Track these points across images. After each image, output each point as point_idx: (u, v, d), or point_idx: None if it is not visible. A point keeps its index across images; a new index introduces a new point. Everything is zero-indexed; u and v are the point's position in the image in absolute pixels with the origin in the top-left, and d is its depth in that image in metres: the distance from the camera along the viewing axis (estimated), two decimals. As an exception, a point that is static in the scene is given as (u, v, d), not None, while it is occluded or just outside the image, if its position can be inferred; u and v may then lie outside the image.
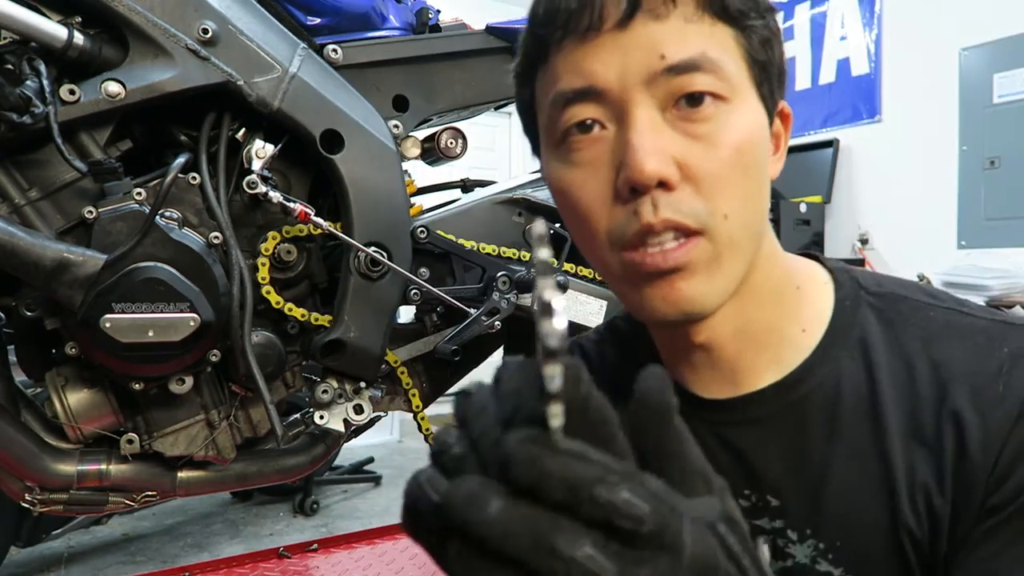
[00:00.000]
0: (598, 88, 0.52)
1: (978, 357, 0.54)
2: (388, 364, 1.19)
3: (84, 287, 0.94)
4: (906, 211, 4.26)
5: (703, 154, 0.52)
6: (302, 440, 1.22)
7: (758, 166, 0.55)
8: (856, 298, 0.61)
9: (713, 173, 0.52)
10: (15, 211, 0.96)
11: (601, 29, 0.52)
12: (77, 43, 0.95)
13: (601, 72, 0.52)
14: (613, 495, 0.29)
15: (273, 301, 1.08)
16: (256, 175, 1.04)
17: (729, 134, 0.52)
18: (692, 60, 0.51)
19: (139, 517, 2.69)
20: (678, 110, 0.52)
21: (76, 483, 1.06)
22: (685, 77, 0.51)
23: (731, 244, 0.52)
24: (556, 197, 0.59)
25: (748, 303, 0.58)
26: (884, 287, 0.61)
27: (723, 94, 0.52)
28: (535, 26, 0.56)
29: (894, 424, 0.55)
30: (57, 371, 1.05)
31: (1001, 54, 3.83)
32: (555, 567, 0.28)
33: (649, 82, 0.51)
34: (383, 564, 1.97)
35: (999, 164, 3.87)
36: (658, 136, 0.51)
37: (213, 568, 1.94)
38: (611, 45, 0.52)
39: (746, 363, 0.60)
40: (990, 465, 0.51)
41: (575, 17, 0.52)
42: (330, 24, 1.19)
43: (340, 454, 2.71)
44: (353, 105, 1.12)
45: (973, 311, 0.58)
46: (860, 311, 0.60)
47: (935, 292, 0.61)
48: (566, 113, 0.54)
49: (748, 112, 0.54)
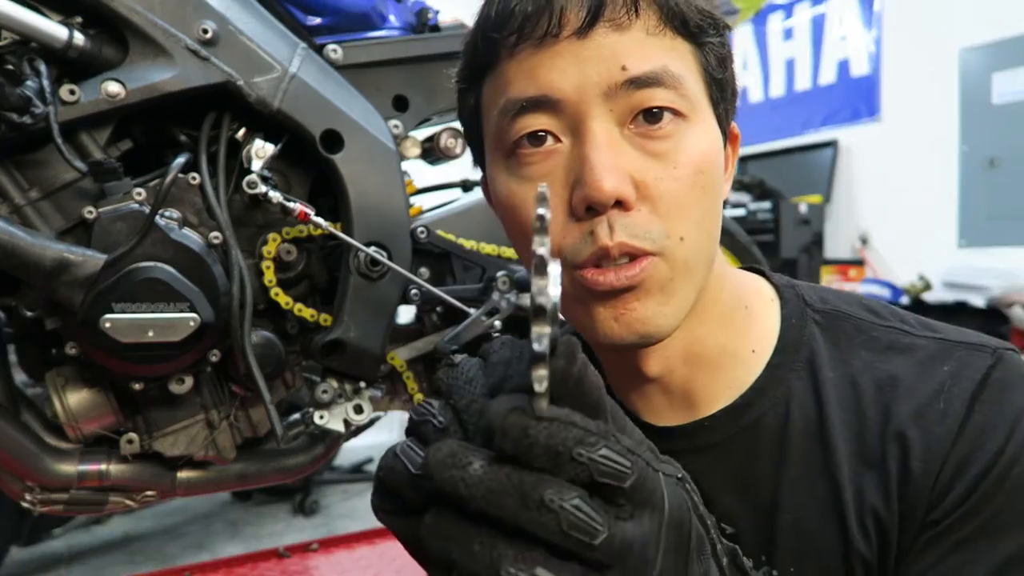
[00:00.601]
0: (553, 98, 0.50)
1: (920, 376, 0.54)
2: (388, 364, 1.19)
3: (84, 287, 0.94)
4: (906, 211, 4.26)
5: (661, 173, 0.50)
6: (302, 440, 1.22)
7: (714, 187, 0.53)
8: (802, 315, 0.60)
9: (671, 193, 0.50)
10: (15, 211, 0.97)
11: (559, 36, 0.49)
12: (77, 43, 0.95)
13: (557, 81, 0.50)
14: (594, 453, 0.29)
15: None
16: (256, 175, 1.04)
17: (687, 153, 0.51)
18: (654, 73, 0.49)
19: (139, 517, 2.69)
20: (636, 126, 0.50)
21: (76, 483, 1.06)
22: (646, 91, 0.49)
23: (685, 268, 0.51)
24: (502, 212, 0.56)
25: (698, 326, 0.56)
26: (828, 303, 0.61)
27: (683, 111, 0.51)
28: (486, 28, 0.53)
29: (842, 446, 0.54)
30: (57, 371, 1.05)
31: (1001, 54, 3.83)
32: (544, 520, 0.28)
33: (608, 95, 0.49)
34: (383, 564, 1.97)
35: (999, 164, 3.87)
36: (616, 153, 0.49)
37: (213, 568, 1.94)
38: (569, 54, 0.49)
39: (698, 387, 0.58)
40: (931, 481, 0.50)
41: (531, 21, 0.50)
42: (330, 24, 1.19)
43: (340, 454, 2.71)
44: (353, 105, 1.12)
45: (914, 330, 0.57)
46: (807, 328, 0.59)
47: (877, 309, 0.60)
48: (517, 123, 0.51)
49: (706, 131, 0.53)
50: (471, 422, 0.33)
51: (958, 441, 0.51)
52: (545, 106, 0.50)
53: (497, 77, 0.54)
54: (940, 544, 0.50)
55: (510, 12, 0.51)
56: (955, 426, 0.51)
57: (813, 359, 0.57)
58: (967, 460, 0.50)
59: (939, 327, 0.58)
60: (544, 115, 0.51)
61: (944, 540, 0.50)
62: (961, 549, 0.49)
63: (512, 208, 0.54)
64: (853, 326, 0.59)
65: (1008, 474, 0.49)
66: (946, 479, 0.50)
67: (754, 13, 4.53)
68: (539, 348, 0.29)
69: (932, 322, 0.59)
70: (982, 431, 0.51)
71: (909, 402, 0.53)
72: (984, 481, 0.49)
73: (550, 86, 0.50)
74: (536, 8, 0.50)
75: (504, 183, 0.54)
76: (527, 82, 0.51)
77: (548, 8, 0.49)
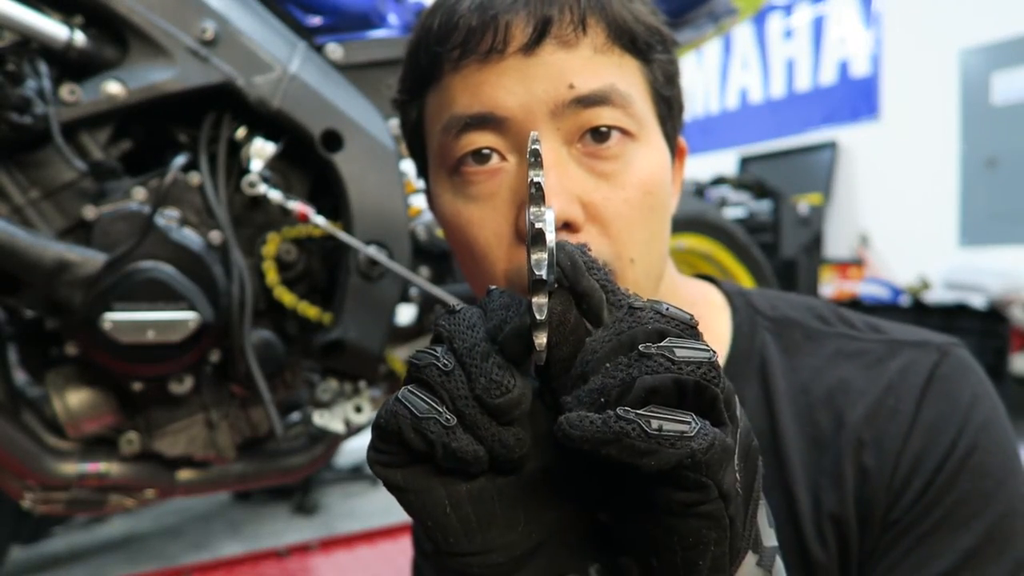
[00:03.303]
0: (499, 116, 0.49)
1: (869, 379, 0.54)
2: (388, 364, 1.19)
3: (84, 287, 0.94)
4: (906, 211, 4.26)
5: (609, 194, 0.49)
6: (302, 440, 1.22)
7: (663, 207, 0.53)
8: (752, 322, 0.60)
9: (619, 214, 0.49)
10: (15, 211, 0.97)
11: (505, 52, 0.48)
12: (77, 43, 0.96)
13: (503, 99, 0.48)
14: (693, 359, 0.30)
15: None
16: (256, 175, 1.04)
17: (635, 173, 0.50)
18: (602, 92, 0.48)
19: (139, 517, 2.69)
20: (583, 145, 0.49)
21: (76, 483, 1.06)
22: (593, 110, 0.49)
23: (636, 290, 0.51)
24: (447, 229, 0.55)
25: None
26: (778, 310, 0.61)
27: (630, 130, 0.50)
28: (429, 41, 0.52)
29: (796, 455, 0.54)
30: (57, 371, 1.05)
31: (1001, 54, 3.83)
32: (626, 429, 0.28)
33: (555, 113, 0.48)
34: (383, 564, 1.97)
35: (999, 164, 3.87)
36: (563, 174, 0.48)
37: (213, 568, 1.94)
38: (515, 71, 0.48)
39: None
40: (887, 479, 0.51)
41: (476, 36, 0.49)
42: (330, 24, 1.19)
43: (340, 454, 2.71)
44: (353, 105, 1.12)
45: (861, 334, 0.58)
46: (758, 336, 0.59)
47: (826, 316, 0.60)
48: (461, 140, 0.50)
49: (654, 151, 0.52)
50: (474, 365, 0.32)
51: (911, 436, 0.51)
52: (490, 124, 0.49)
53: (441, 92, 0.52)
54: (903, 541, 0.50)
55: (454, 25, 0.50)
56: (906, 422, 0.52)
57: (765, 367, 0.57)
58: (921, 454, 0.51)
59: (885, 327, 0.58)
60: (489, 133, 0.50)
61: (907, 536, 0.50)
62: (925, 543, 0.49)
63: (458, 228, 0.53)
64: (802, 333, 0.59)
65: (964, 465, 0.50)
66: (903, 474, 0.51)
67: (754, 13, 4.54)
68: (538, 273, 0.29)
69: (879, 323, 0.59)
70: (933, 425, 0.51)
71: (861, 404, 0.53)
72: (940, 474, 0.50)
73: (495, 104, 0.49)
74: (481, 22, 0.48)
75: (450, 202, 0.53)
76: (472, 99, 0.50)
77: (493, 23, 0.48)
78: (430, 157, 0.56)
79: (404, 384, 0.34)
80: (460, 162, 0.51)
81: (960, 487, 0.50)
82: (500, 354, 0.33)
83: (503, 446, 0.32)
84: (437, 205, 0.56)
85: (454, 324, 0.34)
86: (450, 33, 0.50)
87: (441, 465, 0.33)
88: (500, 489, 0.34)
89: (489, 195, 0.50)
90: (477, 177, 0.51)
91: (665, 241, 0.54)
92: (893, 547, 0.50)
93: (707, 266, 1.88)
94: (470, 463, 0.32)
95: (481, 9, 0.49)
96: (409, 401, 0.32)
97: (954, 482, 0.50)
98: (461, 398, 0.32)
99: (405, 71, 0.56)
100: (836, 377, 0.55)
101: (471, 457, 0.32)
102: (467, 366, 0.32)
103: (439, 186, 0.55)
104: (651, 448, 0.28)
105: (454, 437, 0.31)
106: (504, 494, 0.34)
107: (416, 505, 0.34)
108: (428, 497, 0.33)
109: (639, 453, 0.28)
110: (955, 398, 0.52)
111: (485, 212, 0.50)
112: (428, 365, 0.33)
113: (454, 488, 0.33)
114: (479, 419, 0.32)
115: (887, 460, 0.51)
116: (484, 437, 0.32)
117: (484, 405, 0.32)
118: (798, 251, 4.18)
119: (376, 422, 0.34)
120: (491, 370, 0.32)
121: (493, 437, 0.32)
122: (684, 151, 0.61)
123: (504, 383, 0.32)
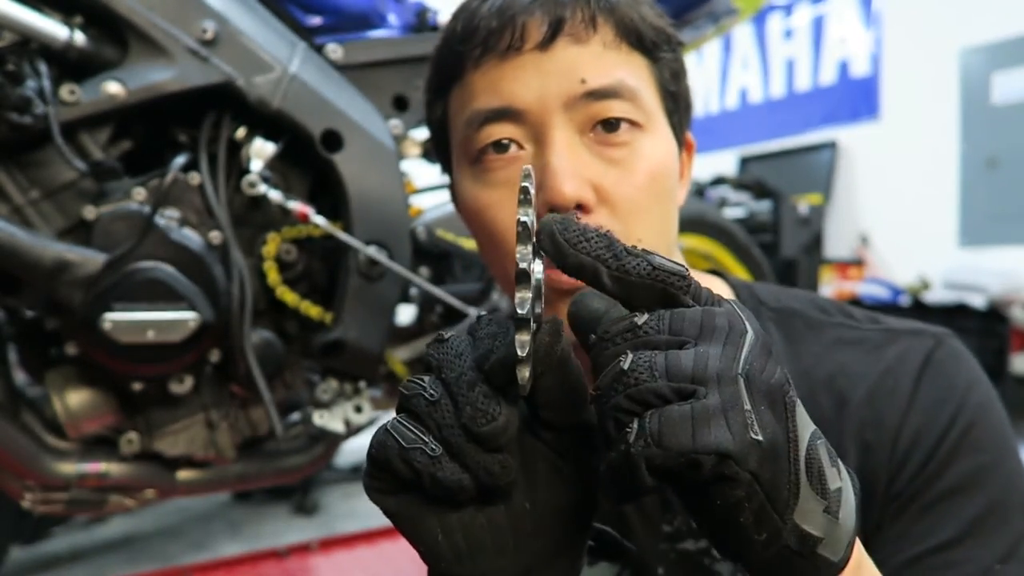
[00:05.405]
0: (517, 108, 0.53)
1: (868, 363, 0.57)
2: (388, 364, 1.19)
3: (84, 287, 0.94)
4: (906, 211, 4.26)
5: (619, 178, 0.53)
6: (302, 440, 1.22)
7: (669, 193, 0.56)
8: (757, 313, 0.62)
9: (628, 198, 0.53)
10: (15, 211, 0.97)
11: (522, 49, 0.52)
12: (77, 43, 0.96)
13: (520, 93, 0.53)
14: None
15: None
16: (255, 175, 1.04)
17: (643, 160, 0.54)
18: (612, 87, 0.53)
19: (139, 517, 2.69)
20: (595, 134, 0.53)
21: (76, 483, 1.06)
22: (604, 103, 0.53)
23: None
24: (469, 217, 0.59)
25: None
26: (782, 302, 0.64)
27: (639, 121, 0.54)
28: (453, 42, 0.56)
29: None
30: (57, 371, 1.05)
31: (1001, 54, 3.83)
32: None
33: (568, 105, 0.52)
34: (383, 564, 1.97)
35: (999, 164, 3.87)
36: (576, 159, 0.52)
37: (213, 568, 1.94)
38: (531, 66, 0.53)
39: None
40: (888, 452, 0.54)
41: (495, 36, 0.53)
42: (330, 24, 1.19)
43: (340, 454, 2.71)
44: (353, 105, 1.12)
45: (860, 324, 0.61)
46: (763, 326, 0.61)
47: (826, 307, 0.63)
48: (482, 132, 0.54)
49: (661, 140, 0.56)
50: (461, 394, 0.33)
51: (909, 413, 0.54)
52: (509, 116, 0.53)
53: (463, 89, 0.57)
54: (907, 512, 0.52)
55: (475, 27, 0.54)
56: (905, 400, 0.54)
57: None
58: (921, 430, 0.53)
59: (883, 319, 0.62)
60: (508, 124, 0.54)
61: (911, 507, 0.52)
62: (930, 512, 0.52)
63: (478, 212, 0.57)
64: (804, 323, 0.62)
65: (963, 440, 0.52)
66: (903, 448, 0.53)
67: (754, 13, 4.54)
68: (521, 312, 0.30)
69: (877, 315, 0.63)
70: (932, 403, 0.54)
71: (860, 386, 0.56)
72: (940, 448, 0.52)
73: (513, 97, 0.53)
74: (500, 23, 0.53)
75: (470, 189, 0.57)
76: (492, 94, 0.54)
77: (511, 23, 0.52)
78: (454, 150, 0.60)
79: (397, 411, 0.36)
80: (482, 152, 0.55)
81: (961, 460, 0.52)
82: (486, 383, 0.34)
83: (489, 473, 0.33)
84: (459, 194, 0.60)
85: (443, 353, 0.35)
86: (472, 34, 0.54)
87: (430, 493, 0.34)
88: (489, 517, 0.35)
89: (507, 180, 0.54)
90: (496, 164, 0.55)
91: (673, 228, 0.58)
92: (899, 517, 0.53)
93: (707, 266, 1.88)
94: (456, 491, 0.33)
95: (500, 11, 0.53)
96: (397, 431, 0.34)
97: (954, 455, 0.52)
98: (447, 427, 0.33)
99: (431, 72, 0.61)
100: (836, 362, 0.58)
101: (456, 486, 0.33)
102: (454, 395, 0.34)
103: (462, 176, 0.59)
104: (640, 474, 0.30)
105: (439, 467, 0.33)
106: (493, 521, 0.35)
107: (409, 531, 0.36)
108: (420, 524, 0.35)
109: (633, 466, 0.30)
110: (952, 380, 0.55)
111: (503, 196, 0.54)
112: (416, 395, 0.34)
113: (444, 516, 0.35)
114: (465, 447, 0.33)
115: (887, 435, 0.54)
116: (470, 465, 0.33)
117: (470, 433, 0.33)
118: (798, 251, 4.18)
119: (368, 451, 0.35)
120: (476, 399, 0.33)
121: (479, 465, 0.33)
122: (692, 146, 0.64)
123: (489, 412, 0.33)
